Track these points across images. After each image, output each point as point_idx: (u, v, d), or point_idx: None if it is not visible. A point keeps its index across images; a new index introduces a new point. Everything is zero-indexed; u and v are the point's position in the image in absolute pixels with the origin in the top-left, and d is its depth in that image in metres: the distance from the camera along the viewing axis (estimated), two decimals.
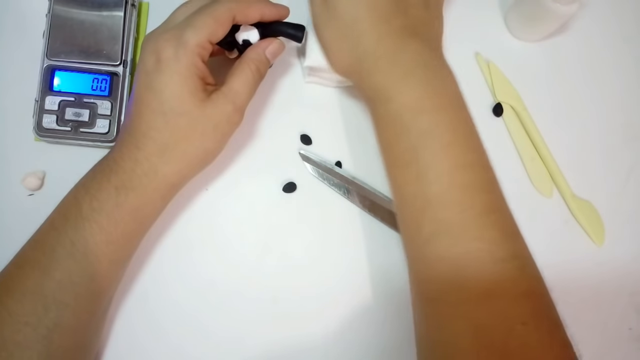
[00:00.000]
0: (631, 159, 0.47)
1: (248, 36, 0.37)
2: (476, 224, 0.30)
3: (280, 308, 0.41)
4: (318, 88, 0.45)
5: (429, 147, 0.31)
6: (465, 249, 0.30)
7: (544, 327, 0.28)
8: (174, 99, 0.33)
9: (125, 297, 0.40)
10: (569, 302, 0.43)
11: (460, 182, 0.31)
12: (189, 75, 0.33)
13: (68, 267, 0.32)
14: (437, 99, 0.32)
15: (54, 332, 0.32)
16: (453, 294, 0.30)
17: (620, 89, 0.48)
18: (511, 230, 0.31)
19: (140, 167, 0.34)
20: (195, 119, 0.34)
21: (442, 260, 0.30)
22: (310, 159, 0.43)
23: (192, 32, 0.33)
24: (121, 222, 0.34)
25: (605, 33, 0.49)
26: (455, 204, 0.30)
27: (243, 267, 0.42)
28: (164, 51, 0.33)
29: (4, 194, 0.41)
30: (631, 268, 0.45)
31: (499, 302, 0.29)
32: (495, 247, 0.30)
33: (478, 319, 0.29)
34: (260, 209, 0.43)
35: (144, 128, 0.34)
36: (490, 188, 0.32)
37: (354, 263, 0.42)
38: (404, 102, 0.32)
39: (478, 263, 0.29)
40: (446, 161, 0.31)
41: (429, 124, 0.31)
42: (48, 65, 0.40)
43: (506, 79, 0.46)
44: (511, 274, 0.29)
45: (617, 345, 0.44)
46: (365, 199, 0.43)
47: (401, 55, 0.33)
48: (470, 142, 0.33)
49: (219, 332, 0.41)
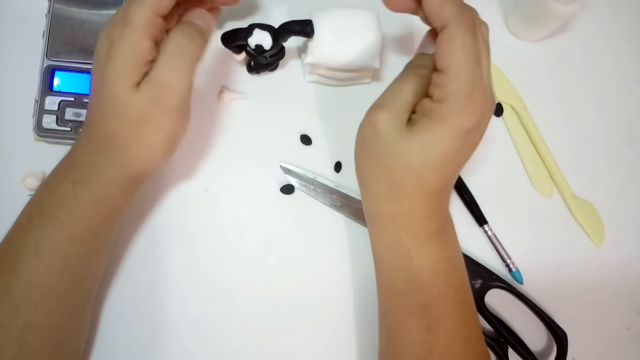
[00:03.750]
0: (631, 159, 0.47)
1: (260, 40, 0.37)
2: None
3: (280, 308, 0.41)
4: (318, 88, 0.45)
5: (442, 305, 0.33)
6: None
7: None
8: (115, 86, 0.31)
9: (122, 297, 0.41)
10: (567, 302, 0.44)
11: (463, 335, 0.33)
12: (128, 56, 0.30)
13: (35, 267, 0.32)
14: (453, 260, 0.34)
15: (25, 332, 0.32)
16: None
17: (620, 89, 0.48)
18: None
19: (95, 159, 0.32)
20: (123, 106, 0.31)
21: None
22: (291, 171, 0.43)
23: (136, 7, 0.30)
24: (83, 218, 0.32)
25: (606, 33, 0.49)
26: (456, 355, 0.33)
27: (242, 267, 0.42)
28: (113, 34, 0.31)
29: (4, 194, 0.41)
30: (630, 269, 0.45)
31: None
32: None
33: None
34: (258, 210, 0.43)
35: (95, 118, 0.32)
36: (480, 335, 0.35)
37: (347, 266, 0.42)
38: (424, 263, 0.33)
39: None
40: (456, 317, 0.33)
41: (445, 285, 0.33)
42: (48, 65, 0.40)
43: (506, 79, 0.46)
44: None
45: (615, 344, 0.44)
46: (350, 207, 0.43)
47: (430, 222, 0.33)
48: (468, 295, 0.35)
49: (218, 331, 0.41)
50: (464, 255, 0.42)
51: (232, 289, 0.41)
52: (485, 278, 0.42)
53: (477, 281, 0.41)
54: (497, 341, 0.41)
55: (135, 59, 0.30)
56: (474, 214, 0.44)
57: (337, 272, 0.42)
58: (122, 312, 0.40)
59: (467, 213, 0.44)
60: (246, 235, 0.42)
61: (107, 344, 0.40)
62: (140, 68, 0.31)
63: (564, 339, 0.41)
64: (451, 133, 0.29)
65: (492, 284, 0.41)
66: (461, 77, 0.29)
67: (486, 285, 0.41)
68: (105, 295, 0.40)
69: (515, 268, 0.43)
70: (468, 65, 0.29)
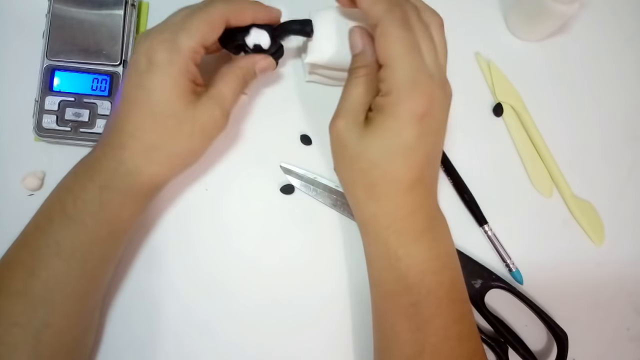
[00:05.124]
0: (631, 159, 0.47)
1: (259, 40, 0.37)
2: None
3: (279, 308, 0.41)
4: (318, 88, 0.45)
5: (433, 305, 0.33)
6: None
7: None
8: (164, 100, 0.33)
9: (122, 297, 0.41)
10: (568, 302, 0.44)
11: (456, 335, 0.33)
12: (180, 79, 0.33)
13: (55, 267, 0.32)
14: (443, 258, 0.34)
15: (42, 332, 0.32)
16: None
17: (620, 89, 0.48)
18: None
19: (125, 167, 0.33)
20: (184, 121, 0.34)
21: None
22: (291, 171, 0.43)
23: (186, 36, 0.33)
24: (106, 221, 0.33)
25: (606, 33, 0.49)
26: (447, 354, 0.33)
27: (241, 267, 0.42)
28: (157, 53, 0.33)
29: (4, 194, 0.41)
30: (630, 268, 0.45)
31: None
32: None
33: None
34: (258, 210, 0.43)
35: (131, 128, 0.33)
36: (474, 334, 0.35)
37: (347, 266, 0.42)
38: (413, 263, 0.33)
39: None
40: (447, 317, 0.33)
41: (435, 284, 0.33)
42: (48, 65, 0.40)
43: (506, 78, 0.46)
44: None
45: (615, 345, 0.44)
46: (350, 207, 0.42)
47: (415, 219, 0.33)
48: (462, 294, 0.35)
49: (218, 331, 0.41)
50: (464, 255, 0.42)
51: (232, 289, 0.41)
52: (485, 278, 0.41)
53: (477, 281, 0.41)
54: (497, 341, 0.41)
55: (189, 82, 0.34)
56: (474, 213, 0.44)
57: (336, 272, 0.42)
58: (122, 312, 0.40)
59: (467, 213, 0.44)
60: (246, 235, 0.42)
61: (104, 343, 0.40)
62: (193, 88, 0.34)
63: (565, 339, 0.41)
64: (404, 122, 0.31)
65: (492, 284, 0.41)
66: (400, 68, 0.31)
67: (486, 285, 0.41)
68: (106, 296, 0.40)
69: (515, 268, 0.43)
70: (405, 56, 0.31)
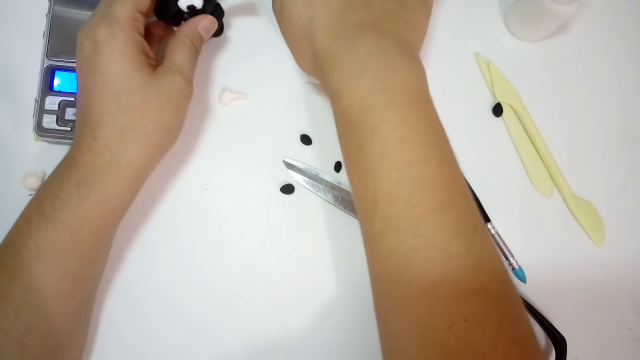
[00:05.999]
0: (631, 159, 0.47)
1: (191, 1, 0.36)
2: (426, 220, 0.29)
3: (280, 308, 0.41)
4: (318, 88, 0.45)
5: (377, 144, 0.30)
6: (413, 245, 0.29)
7: (490, 324, 0.27)
8: (121, 77, 0.32)
9: (120, 297, 0.40)
10: (568, 302, 0.44)
11: (411, 179, 0.29)
12: (130, 51, 0.32)
13: (36, 269, 0.32)
14: (389, 94, 0.30)
15: (26, 335, 0.31)
16: (400, 289, 0.29)
17: (620, 89, 0.48)
18: (469, 225, 0.30)
19: (101, 157, 0.32)
20: (148, 94, 0.33)
21: (391, 256, 0.30)
22: (294, 166, 0.43)
23: (118, 5, 0.32)
24: (86, 219, 0.32)
25: (605, 33, 0.49)
26: (404, 200, 0.29)
27: (241, 267, 0.42)
28: (98, 33, 0.32)
29: (4, 194, 0.41)
30: (631, 268, 0.45)
31: (443, 300, 0.28)
32: (446, 244, 0.28)
33: (420, 316, 0.28)
34: (258, 209, 0.43)
35: (97, 115, 0.32)
36: (447, 183, 0.30)
37: (348, 265, 0.42)
38: (354, 99, 0.31)
39: (426, 259, 0.28)
40: (396, 158, 0.29)
41: (376, 121, 0.30)
42: (48, 65, 0.41)
43: (506, 79, 0.46)
44: (462, 271, 0.28)
45: (617, 345, 0.44)
46: (352, 204, 0.42)
47: (355, 50, 0.31)
48: (426, 137, 0.30)
49: (218, 331, 0.41)
50: None
51: (233, 289, 0.41)
52: None
53: None
54: None
55: (141, 53, 0.33)
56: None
57: (338, 271, 0.42)
58: (120, 313, 0.40)
59: None
60: (246, 235, 0.42)
61: (99, 345, 0.40)
62: (147, 60, 0.34)
63: (563, 344, 0.40)
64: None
65: None
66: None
67: None
68: (103, 297, 0.40)
69: (518, 266, 0.43)
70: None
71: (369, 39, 0.32)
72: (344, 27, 0.32)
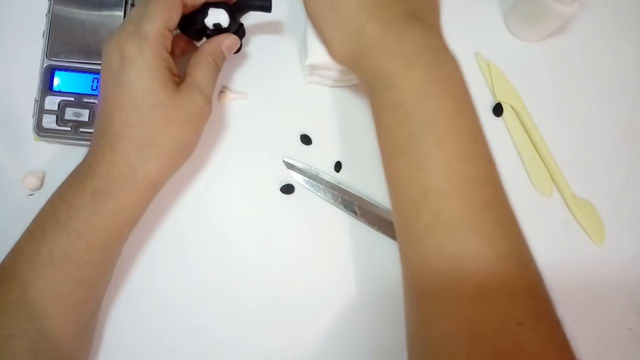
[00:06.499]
0: (631, 159, 0.47)
1: (218, 19, 0.36)
2: (477, 216, 0.28)
3: (281, 307, 0.41)
4: (318, 88, 0.45)
5: (431, 135, 0.29)
6: (465, 243, 0.28)
7: (542, 328, 0.27)
8: (145, 92, 0.32)
9: (122, 299, 0.41)
10: (568, 302, 0.43)
11: (461, 173, 0.29)
12: (156, 68, 0.33)
13: (50, 277, 0.32)
14: (441, 85, 0.31)
15: (39, 342, 0.31)
16: (449, 289, 0.28)
17: (620, 89, 0.48)
18: (513, 225, 0.30)
19: (118, 169, 0.33)
20: (169, 110, 0.33)
21: (439, 254, 0.29)
22: (294, 166, 0.43)
23: (149, 23, 0.32)
24: (100, 228, 0.33)
25: (606, 33, 0.49)
26: (455, 195, 0.28)
27: (241, 268, 0.42)
28: (126, 47, 0.32)
29: (4, 194, 0.41)
30: (631, 268, 0.45)
31: (495, 300, 0.27)
32: (497, 242, 0.28)
33: (471, 317, 0.27)
34: (259, 209, 0.43)
35: (117, 128, 0.33)
36: (492, 181, 0.30)
37: (348, 265, 0.42)
38: (408, 88, 0.30)
39: (478, 257, 0.28)
40: (448, 151, 0.29)
41: (431, 111, 0.30)
42: (48, 65, 0.40)
43: (506, 79, 0.46)
44: (512, 271, 0.28)
45: (616, 345, 0.44)
46: (352, 204, 0.43)
47: (407, 40, 0.31)
48: (472, 132, 0.31)
49: (219, 331, 0.41)
50: None
51: (233, 288, 0.41)
52: None
53: None
54: None
55: (166, 70, 0.33)
56: None
57: (339, 270, 0.42)
58: (122, 313, 0.40)
59: None
60: (246, 235, 0.42)
61: (102, 347, 0.40)
62: (172, 77, 0.34)
63: None
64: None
65: None
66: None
67: None
68: (105, 298, 0.40)
69: None
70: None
71: (419, 30, 0.32)
72: (394, 16, 0.32)
